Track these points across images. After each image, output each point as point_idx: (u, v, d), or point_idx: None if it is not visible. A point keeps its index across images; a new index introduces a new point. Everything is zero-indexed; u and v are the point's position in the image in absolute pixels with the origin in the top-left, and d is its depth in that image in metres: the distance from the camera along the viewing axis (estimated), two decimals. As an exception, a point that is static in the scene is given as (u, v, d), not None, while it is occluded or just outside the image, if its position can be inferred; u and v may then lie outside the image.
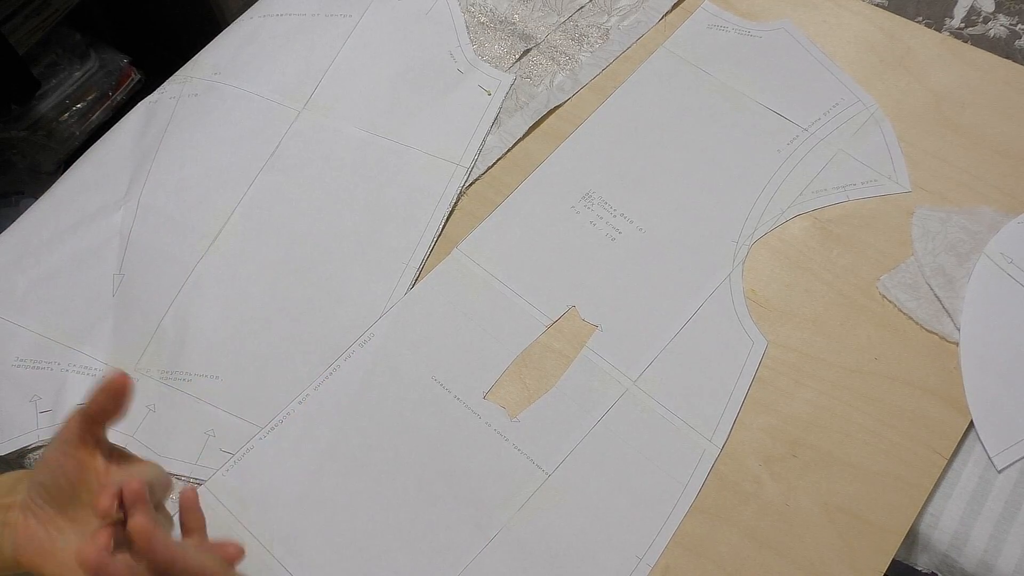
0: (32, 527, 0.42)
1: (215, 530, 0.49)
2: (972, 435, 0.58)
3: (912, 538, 0.56)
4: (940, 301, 0.63)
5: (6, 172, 1.29)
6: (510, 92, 0.75)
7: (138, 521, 0.40)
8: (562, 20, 0.79)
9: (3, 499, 0.43)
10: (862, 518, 0.55)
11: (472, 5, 0.80)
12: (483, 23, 0.80)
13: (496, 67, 0.76)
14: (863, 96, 0.73)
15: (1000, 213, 0.66)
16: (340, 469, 0.58)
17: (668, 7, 0.79)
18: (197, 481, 0.58)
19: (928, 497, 0.56)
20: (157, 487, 0.44)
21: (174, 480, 0.49)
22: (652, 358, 0.62)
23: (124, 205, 0.70)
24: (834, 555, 0.54)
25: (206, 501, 0.58)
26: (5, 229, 0.71)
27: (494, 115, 0.74)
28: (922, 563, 0.56)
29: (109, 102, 1.29)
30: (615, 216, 0.68)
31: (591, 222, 0.68)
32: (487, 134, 0.73)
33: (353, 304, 0.65)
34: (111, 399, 0.44)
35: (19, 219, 0.71)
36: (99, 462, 0.43)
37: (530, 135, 0.73)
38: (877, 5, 0.79)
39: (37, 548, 0.42)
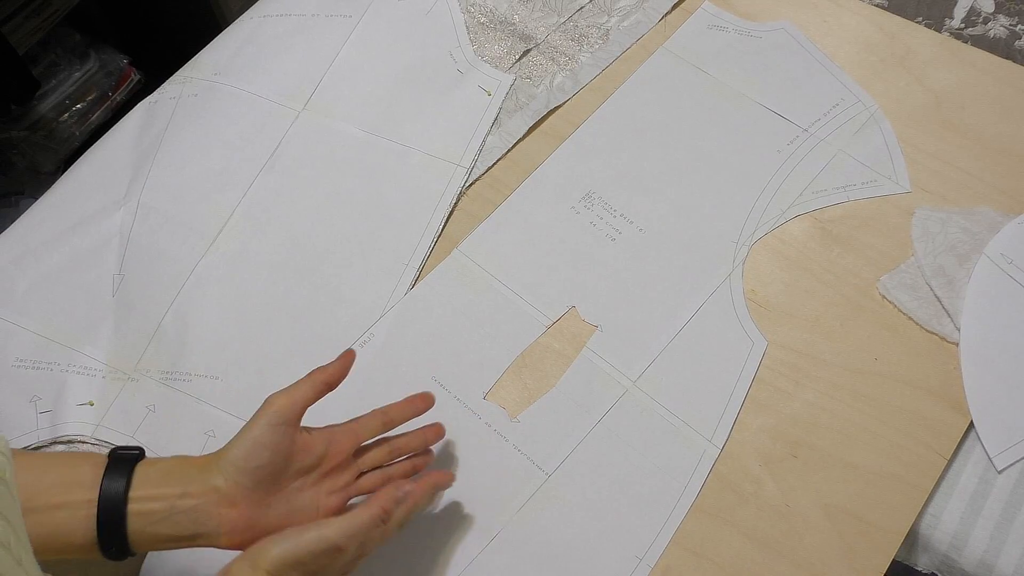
0: (245, 512, 0.46)
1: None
2: (972, 435, 0.58)
3: (912, 538, 0.56)
4: (940, 301, 0.63)
5: (6, 172, 1.29)
6: (510, 92, 0.75)
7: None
8: (562, 20, 0.79)
9: (199, 488, 0.45)
10: (862, 518, 0.55)
11: (472, 5, 0.80)
12: (483, 23, 0.80)
13: (496, 67, 0.76)
14: (863, 96, 0.73)
15: (1000, 213, 0.66)
16: (340, 469, 0.58)
17: (668, 7, 0.79)
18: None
19: (928, 497, 0.56)
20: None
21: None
22: (652, 358, 0.62)
23: (124, 205, 0.70)
24: (834, 555, 0.54)
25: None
26: (5, 229, 0.71)
27: (494, 115, 0.74)
28: (922, 563, 0.56)
29: (109, 102, 1.29)
30: (615, 216, 0.68)
31: (591, 222, 0.68)
32: (487, 134, 0.73)
33: (353, 304, 0.65)
34: (345, 370, 0.51)
35: (19, 219, 0.71)
36: (301, 436, 0.49)
37: (530, 135, 0.73)
38: (877, 5, 0.79)
39: (250, 529, 0.46)
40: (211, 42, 0.81)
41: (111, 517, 0.44)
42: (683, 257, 0.66)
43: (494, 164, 0.71)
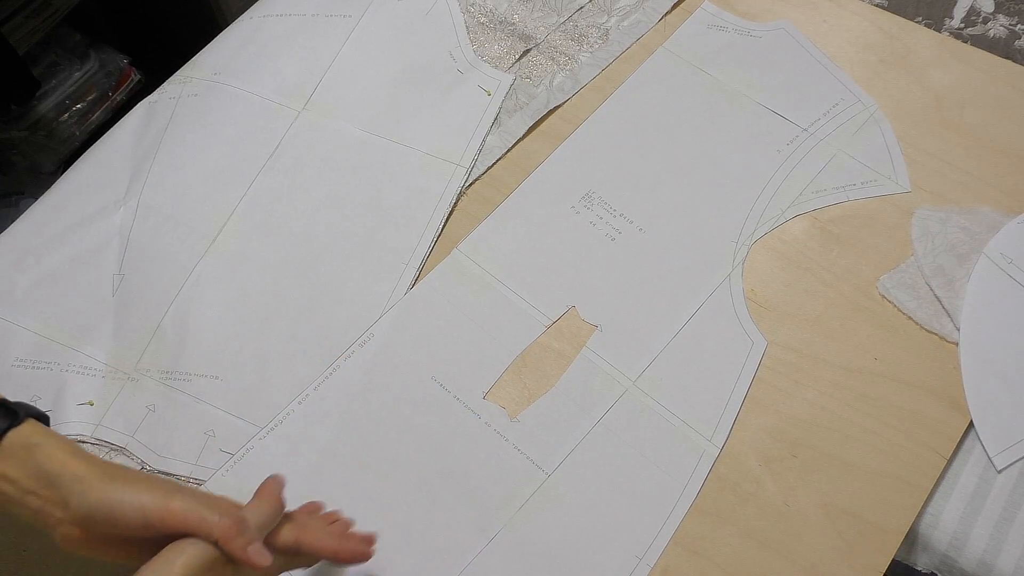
0: (85, 538, 0.43)
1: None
2: (972, 435, 0.58)
3: (912, 538, 0.56)
4: (940, 301, 0.63)
5: (6, 172, 1.29)
6: (510, 92, 0.75)
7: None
8: (562, 20, 0.79)
9: (50, 493, 0.43)
10: (862, 518, 0.55)
11: (472, 5, 0.80)
12: (483, 23, 0.80)
13: (496, 67, 0.76)
14: (863, 96, 0.73)
15: (1000, 213, 0.66)
16: (340, 469, 0.58)
17: (668, 7, 0.79)
18: (197, 481, 0.58)
19: (928, 497, 0.56)
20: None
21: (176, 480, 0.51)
22: (652, 358, 0.62)
23: (124, 205, 0.70)
24: (834, 555, 0.54)
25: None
26: (5, 229, 0.71)
27: (494, 115, 0.74)
28: (922, 563, 0.56)
29: (109, 102, 1.29)
30: (615, 216, 0.68)
31: (591, 222, 0.68)
32: (487, 134, 0.73)
33: (353, 304, 0.65)
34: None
35: (19, 219, 0.71)
36: None
37: (530, 135, 0.73)
38: (877, 5, 0.79)
39: (88, 548, 0.43)
40: (211, 42, 0.81)
41: None
42: (683, 257, 0.66)
43: (494, 164, 0.71)
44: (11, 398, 0.62)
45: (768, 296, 0.64)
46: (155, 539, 0.43)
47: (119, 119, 0.77)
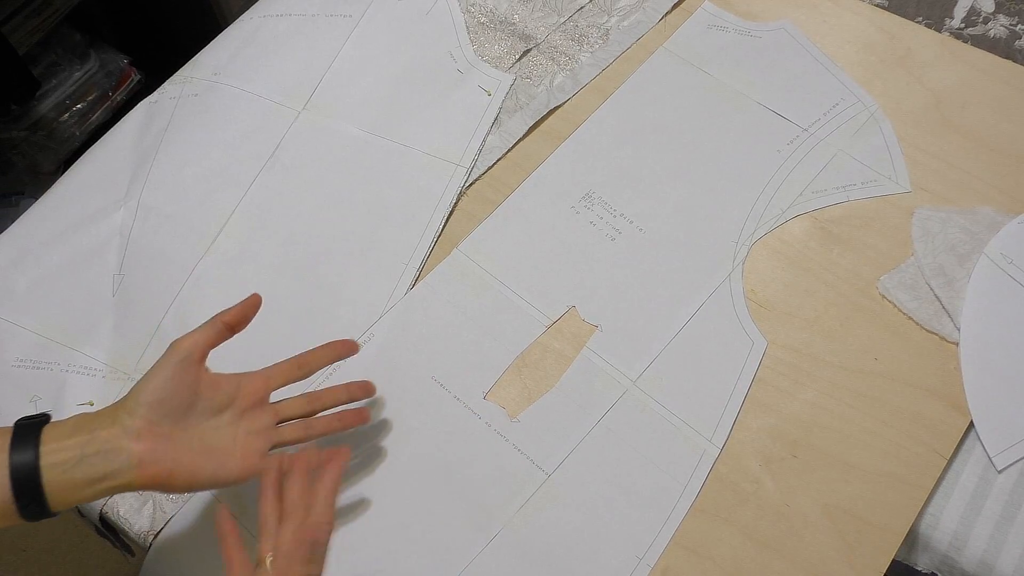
0: (154, 445, 0.47)
1: (212, 533, 0.49)
2: (972, 435, 0.58)
3: (912, 538, 0.56)
4: (940, 301, 0.63)
5: (6, 172, 1.29)
6: (510, 92, 0.75)
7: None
8: (562, 20, 0.79)
9: (107, 430, 0.46)
10: (862, 518, 0.55)
11: (472, 5, 0.80)
12: (483, 23, 0.80)
13: (496, 67, 0.76)
14: (863, 96, 0.73)
15: (1000, 213, 0.66)
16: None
17: (668, 7, 0.79)
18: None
19: (928, 497, 0.56)
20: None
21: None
22: (652, 358, 0.62)
23: (124, 205, 0.70)
24: (834, 555, 0.54)
25: (205, 502, 0.58)
26: (5, 229, 0.71)
27: (494, 115, 0.74)
28: (922, 563, 0.56)
29: (109, 102, 1.29)
30: (615, 216, 0.68)
31: (591, 222, 0.68)
32: (487, 134, 0.73)
33: (353, 304, 0.65)
34: (246, 313, 0.53)
35: (19, 219, 0.71)
36: (207, 374, 0.51)
37: (530, 135, 0.73)
38: (877, 5, 0.79)
39: (160, 462, 0.47)
40: (211, 42, 0.81)
41: (24, 472, 0.44)
42: (683, 257, 0.66)
43: (494, 164, 0.71)
44: (11, 398, 0.62)
45: (768, 296, 0.64)
46: (211, 415, 0.51)
47: (119, 119, 0.77)
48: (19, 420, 0.47)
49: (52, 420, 0.47)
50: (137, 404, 0.47)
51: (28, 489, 0.44)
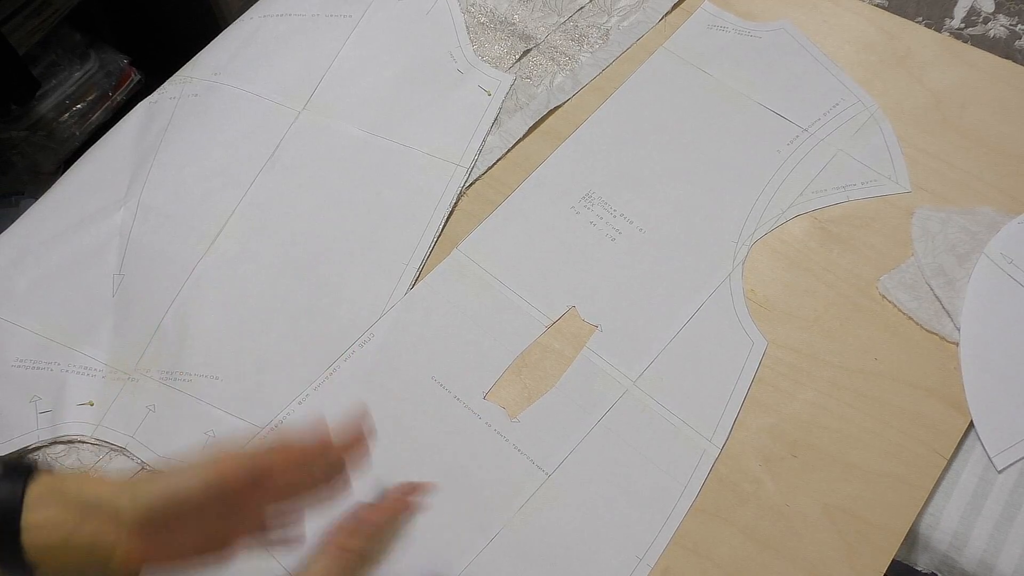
0: (141, 546, 0.41)
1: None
2: (972, 435, 0.58)
3: (912, 538, 0.56)
4: (940, 301, 0.63)
5: (6, 172, 1.29)
6: (510, 92, 0.75)
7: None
8: (562, 20, 0.79)
9: (96, 514, 0.41)
10: (862, 518, 0.55)
11: (472, 5, 0.80)
12: (483, 23, 0.80)
13: (496, 67, 0.76)
14: (863, 96, 0.73)
15: (1000, 213, 0.66)
16: (340, 469, 0.58)
17: (668, 7, 0.79)
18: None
19: (928, 497, 0.56)
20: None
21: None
22: (652, 358, 0.62)
23: (124, 205, 0.70)
24: (834, 555, 0.54)
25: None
26: (5, 229, 0.71)
27: (494, 115, 0.74)
28: (922, 563, 0.56)
29: (109, 102, 1.29)
30: (615, 216, 0.68)
31: (591, 222, 0.68)
32: (487, 134, 0.73)
33: (353, 304, 0.65)
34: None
35: (19, 219, 0.71)
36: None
37: (530, 135, 0.73)
38: (877, 5, 0.79)
39: (147, 560, 0.41)
40: (211, 42, 0.81)
41: (3, 539, 0.38)
42: (683, 257, 0.66)
43: (494, 164, 0.71)
44: (11, 398, 0.62)
45: (768, 296, 0.64)
46: (216, 530, 0.42)
47: (119, 119, 0.77)
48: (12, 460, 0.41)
49: (37, 473, 0.41)
50: (146, 507, 0.41)
51: (5, 555, 0.39)
